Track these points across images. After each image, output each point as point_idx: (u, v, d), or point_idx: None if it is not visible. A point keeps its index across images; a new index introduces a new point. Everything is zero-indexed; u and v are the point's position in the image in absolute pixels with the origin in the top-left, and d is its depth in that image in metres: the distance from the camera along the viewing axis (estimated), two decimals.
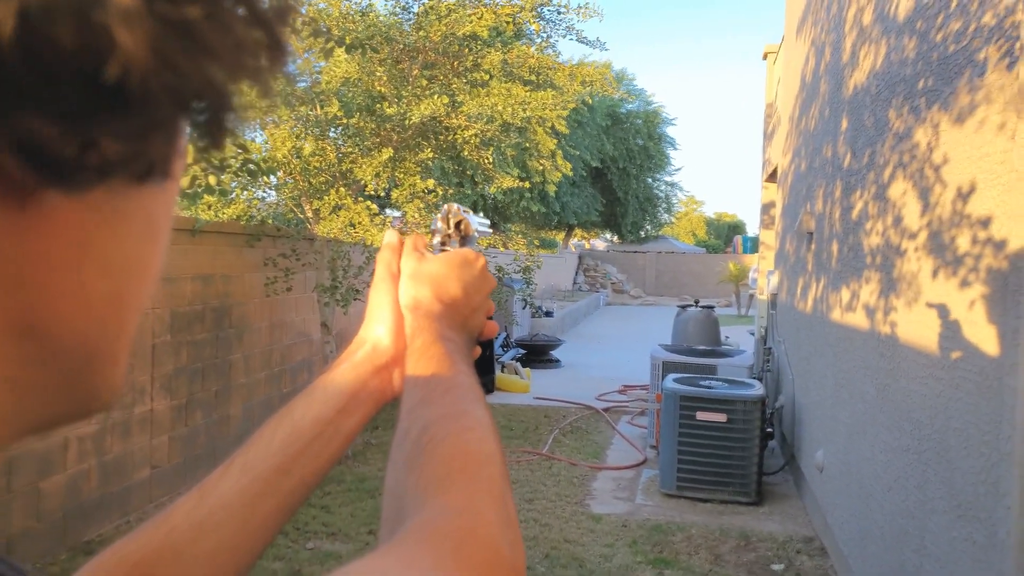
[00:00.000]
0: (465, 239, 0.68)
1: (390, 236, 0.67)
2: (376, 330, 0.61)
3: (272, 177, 5.67)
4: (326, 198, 5.27)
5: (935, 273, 2.35)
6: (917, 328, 2.50)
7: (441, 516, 0.36)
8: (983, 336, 1.99)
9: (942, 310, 2.27)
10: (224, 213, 5.23)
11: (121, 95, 0.20)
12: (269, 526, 0.53)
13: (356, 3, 5.48)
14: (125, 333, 0.28)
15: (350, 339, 0.63)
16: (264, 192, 5.89)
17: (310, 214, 5.61)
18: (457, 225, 0.68)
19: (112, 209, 0.25)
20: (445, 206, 0.69)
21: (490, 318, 0.67)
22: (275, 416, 0.57)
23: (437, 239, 0.68)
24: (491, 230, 0.79)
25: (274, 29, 0.24)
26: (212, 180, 1.86)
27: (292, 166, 5.32)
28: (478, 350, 0.66)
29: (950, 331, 2.20)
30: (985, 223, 2.00)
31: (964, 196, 2.13)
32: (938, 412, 2.26)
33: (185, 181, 1.83)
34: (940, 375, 2.26)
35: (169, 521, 0.50)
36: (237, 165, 1.95)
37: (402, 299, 0.61)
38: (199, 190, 1.96)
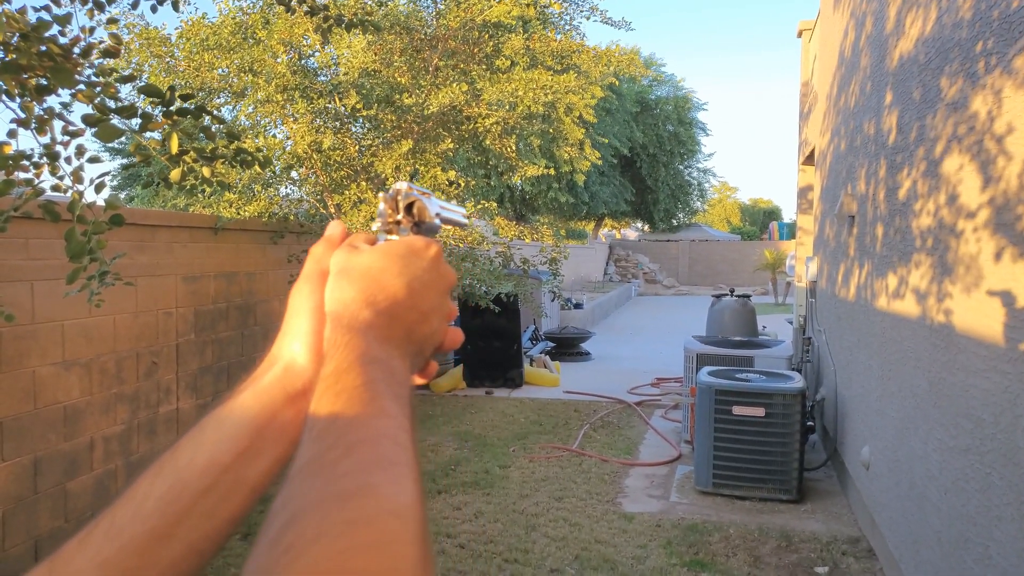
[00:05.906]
0: (420, 227, 0.52)
1: (332, 228, 0.51)
2: (291, 346, 0.47)
3: (294, 173, 5.62)
4: (347, 192, 5.20)
5: (998, 255, 2.12)
6: (977, 316, 2.28)
7: None
8: None
9: (1007, 297, 2.05)
10: (246, 210, 5.19)
11: None
12: None
13: None
14: None
15: None
16: (287, 188, 5.84)
17: (332, 209, 5.54)
18: (408, 209, 0.51)
19: None
20: (394, 187, 0.52)
21: (455, 323, 0.51)
22: (154, 463, 0.43)
23: (383, 227, 0.52)
24: (466, 219, 0.60)
25: None
26: (207, 172, 1.75)
27: (313, 160, 5.26)
28: (434, 366, 0.51)
29: (1018, 320, 1.98)
30: None
31: None
32: (1004, 410, 2.04)
33: (176, 174, 1.73)
34: (1006, 369, 2.04)
35: None
36: (230, 155, 1.85)
37: (327, 303, 0.46)
38: (196, 183, 1.85)
